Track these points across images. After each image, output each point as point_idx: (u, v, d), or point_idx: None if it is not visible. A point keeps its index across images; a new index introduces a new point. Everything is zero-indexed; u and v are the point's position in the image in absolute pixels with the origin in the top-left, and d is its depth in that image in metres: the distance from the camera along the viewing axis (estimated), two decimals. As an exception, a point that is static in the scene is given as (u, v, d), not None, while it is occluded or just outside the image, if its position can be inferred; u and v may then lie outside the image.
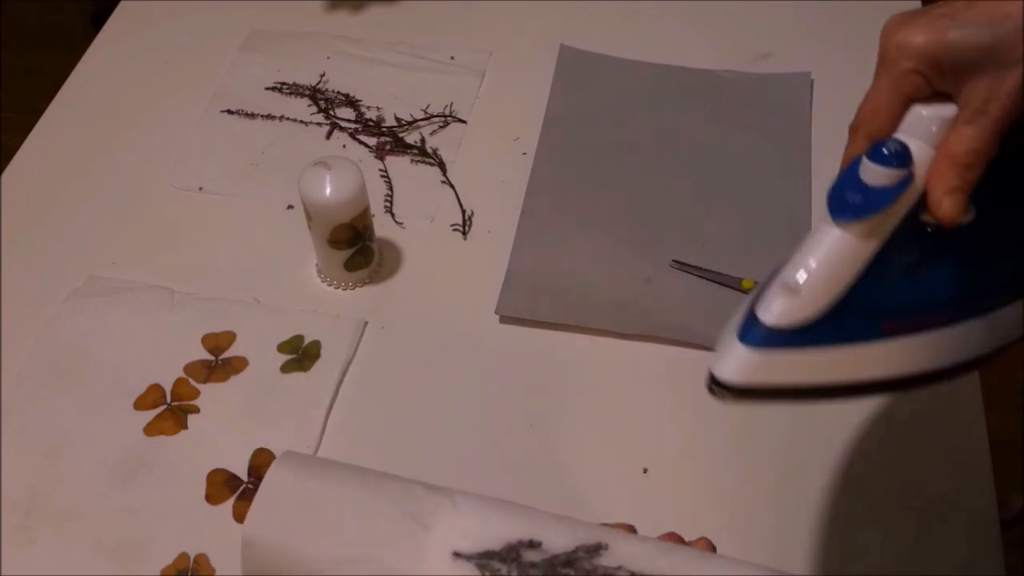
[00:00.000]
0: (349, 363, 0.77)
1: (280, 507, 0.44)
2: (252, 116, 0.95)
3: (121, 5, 1.08)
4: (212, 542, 0.68)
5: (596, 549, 0.43)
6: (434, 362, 0.78)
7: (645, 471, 0.71)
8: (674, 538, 0.49)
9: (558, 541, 0.43)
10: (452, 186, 0.89)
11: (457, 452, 0.72)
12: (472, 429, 0.74)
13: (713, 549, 0.48)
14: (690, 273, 0.81)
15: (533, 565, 0.42)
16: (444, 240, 0.85)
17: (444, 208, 0.88)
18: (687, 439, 0.73)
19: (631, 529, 0.49)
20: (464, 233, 0.86)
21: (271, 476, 0.45)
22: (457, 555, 0.42)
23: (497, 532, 0.43)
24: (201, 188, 0.90)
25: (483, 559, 0.42)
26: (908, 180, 0.45)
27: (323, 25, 1.04)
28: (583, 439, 0.73)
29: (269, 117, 0.95)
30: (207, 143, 0.93)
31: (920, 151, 0.45)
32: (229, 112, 0.96)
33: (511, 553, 0.43)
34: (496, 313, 0.79)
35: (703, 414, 0.74)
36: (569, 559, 0.43)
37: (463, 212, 0.87)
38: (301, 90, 0.97)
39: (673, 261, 0.82)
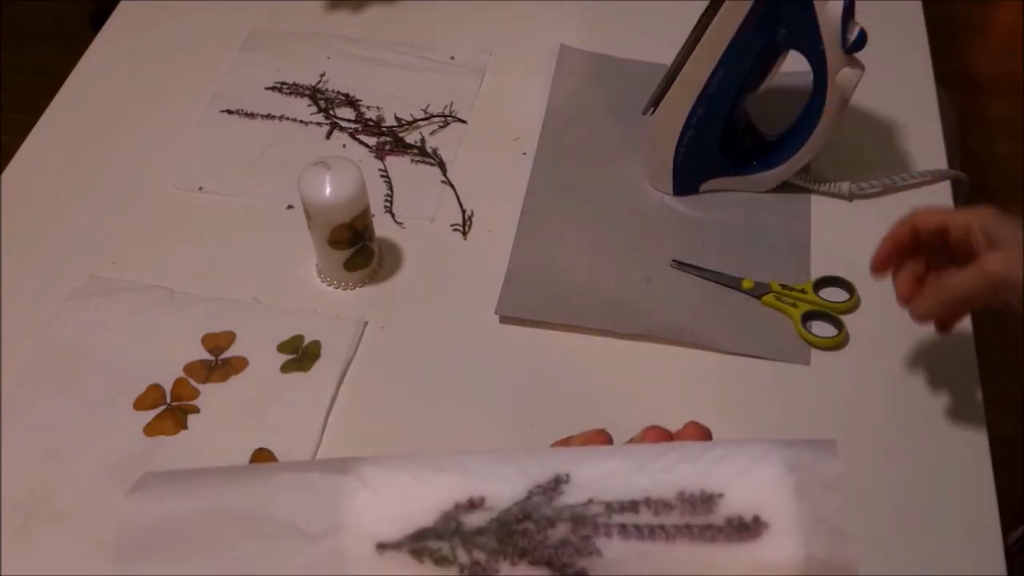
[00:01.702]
0: (349, 363, 0.77)
1: (147, 550, 0.35)
2: (252, 116, 0.95)
3: (121, 5, 1.08)
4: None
5: (555, 486, 0.34)
6: (434, 362, 0.77)
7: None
8: (657, 434, 0.40)
9: (505, 490, 0.34)
10: (452, 186, 0.89)
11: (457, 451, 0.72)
12: (472, 429, 0.74)
13: (708, 435, 0.40)
14: (690, 273, 0.81)
15: (480, 531, 0.34)
16: (444, 240, 0.85)
17: (444, 208, 0.88)
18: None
19: (606, 438, 0.41)
20: (464, 233, 0.86)
21: (130, 510, 0.35)
22: (382, 547, 0.34)
23: (425, 501, 0.34)
24: (201, 188, 0.90)
25: (416, 542, 0.34)
26: None
27: (323, 25, 1.04)
28: (583, 439, 0.73)
29: (269, 117, 0.95)
30: (207, 143, 0.93)
31: None
32: (229, 112, 0.96)
33: (449, 524, 0.34)
34: (496, 313, 0.79)
35: (703, 414, 0.74)
36: (524, 510, 0.34)
37: (463, 212, 0.87)
38: (301, 90, 0.97)
39: (673, 261, 0.82)
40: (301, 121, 0.95)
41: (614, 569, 0.33)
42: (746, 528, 0.33)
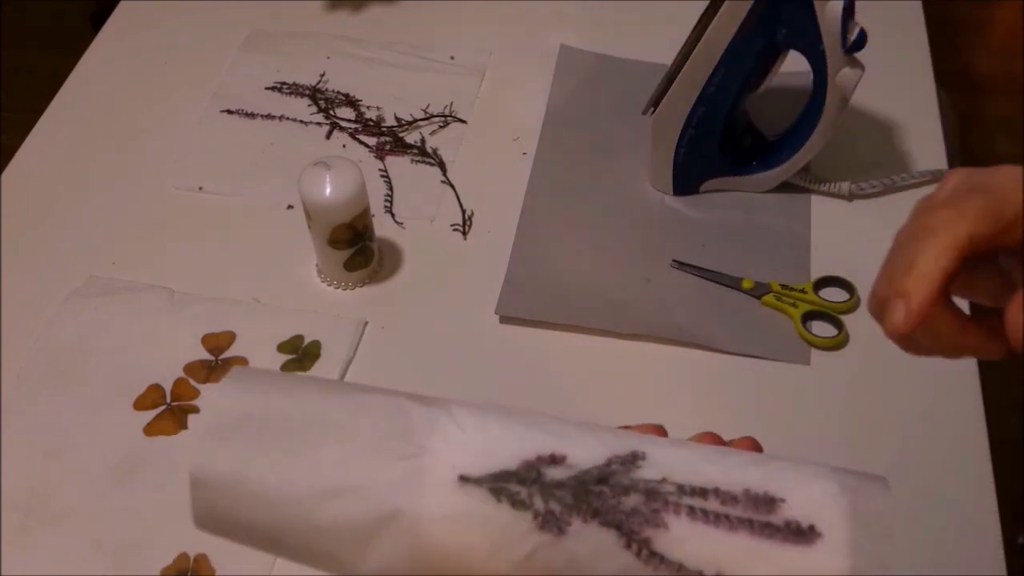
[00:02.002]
0: (349, 363, 0.77)
1: (233, 434, 0.36)
2: (252, 116, 0.95)
3: (121, 5, 1.08)
4: (212, 542, 0.67)
5: (632, 460, 0.36)
6: (434, 362, 0.77)
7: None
8: (712, 439, 0.42)
9: (586, 454, 0.36)
10: (452, 186, 0.89)
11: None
12: (472, 429, 0.74)
13: (759, 450, 0.42)
14: (690, 273, 0.81)
15: (559, 485, 0.35)
16: (444, 240, 0.85)
17: (444, 208, 0.88)
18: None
19: (661, 432, 0.42)
20: (464, 233, 0.86)
21: (219, 397, 0.36)
22: (464, 479, 0.35)
23: (510, 448, 0.36)
24: (201, 188, 0.90)
25: (497, 482, 0.35)
26: None
27: (323, 25, 1.04)
28: (583, 439, 0.73)
29: (269, 117, 0.95)
30: (207, 143, 0.93)
31: None
32: (229, 112, 0.96)
33: (531, 472, 0.35)
34: (496, 313, 0.79)
35: (703, 414, 0.74)
36: (602, 474, 0.35)
37: (463, 212, 0.87)
38: (301, 90, 0.97)
39: (673, 261, 0.82)
40: (301, 121, 0.95)
41: (676, 545, 0.34)
42: (802, 533, 0.35)
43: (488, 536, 0.34)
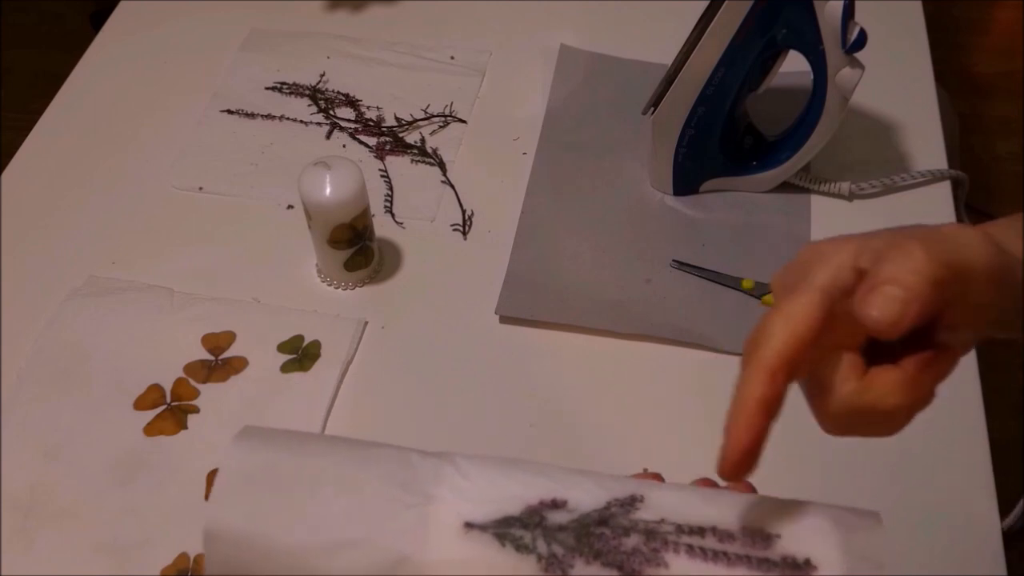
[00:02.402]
0: (349, 363, 0.77)
1: (246, 490, 0.37)
2: (252, 116, 0.95)
3: (121, 5, 1.08)
4: (212, 542, 0.68)
5: (631, 502, 0.37)
6: (434, 362, 0.78)
7: (645, 471, 0.71)
8: (708, 484, 0.43)
9: (586, 498, 0.37)
10: (452, 186, 0.89)
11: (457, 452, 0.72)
12: (472, 429, 0.74)
13: (753, 491, 0.43)
14: (690, 273, 0.81)
15: (561, 528, 0.36)
16: (444, 240, 0.85)
17: (444, 208, 0.88)
18: (687, 439, 0.73)
19: (659, 479, 0.44)
20: (464, 233, 0.86)
21: (231, 455, 0.38)
22: (469, 526, 0.36)
23: (513, 494, 0.37)
24: (201, 188, 0.90)
25: (501, 527, 0.36)
26: None
27: (323, 25, 1.04)
28: (583, 439, 0.73)
29: (269, 117, 0.95)
30: (207, 143, 0.93)
31: None
32: (229, 112, 0.96)
33: (533, 517, 0.36)
34: (496, 313, 0.79)
35: (703, 414, 0.74)
36: (602, 517, 0.36)
37: (463, 212, 0.87)
38: (301, 90, 0.97)
39: (673, 261, 0.82)
40: (301, 121, 0.95)
41: None
42: (798, 567, 0.36)
43: None
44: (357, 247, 0.79)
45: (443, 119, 0.95)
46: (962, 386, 0.74)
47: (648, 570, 0.35)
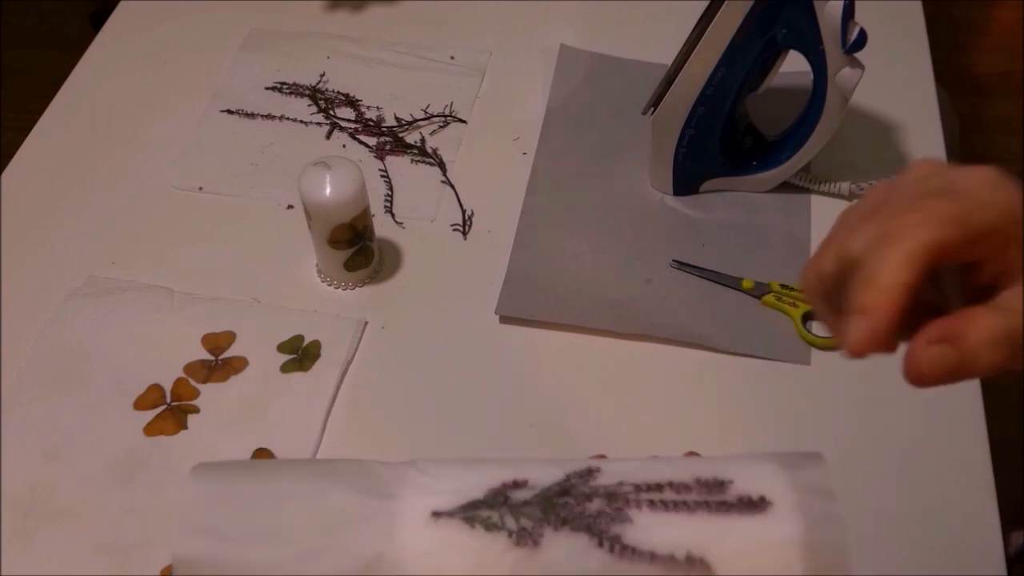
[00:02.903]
0: (349, 363, 0.77)
1: (210, 516, 0.37)
2: (252, 116, 0.95)
3: (121, 5, 1.08)
4: (212, 542, 0.68)
5: (588, 473, 0.39)
6: (434, 362, 0.77)
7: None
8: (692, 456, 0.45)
9: (545, 475, 0.39)
10: (452, 186, 0.89)
11: (457, 452, 0.72)
12: (472, 429, 0.74)
13: None
14: (690, 273, 0.81)
15: (526, 503, 0.37)
16: (444, 240, 0.85)
17: (444, 208, 0.88)
18: (687, 439, 0.73)
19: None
20: (464, 233, 0.86)
21: (190, 488, 0.38)
22: (437, 515, 0.37)
23: (475, 481, 0.38)
24: (201, 188, 0.90)
25: (468, 511, 0.37)
26: None
27: (323, 25, 1.04)
28: (583, 439, 0.73)
29: (269, 117, 0.95)
30: (207, 143, 0.93)
31: None
32: (229, 112, 0.96)
33: (498, 497, 0.38)
34: (496, 313, 0.79)
35: (703, 414, 0.74)
36: (563, 488, 0.38)
37: (463, 212, 0.87)
38: (301, 90, 0.97)
39: (673, 261, 0.82)
40: (301, 121, 0.95)
41: (644, 535, 0.37)
42: (754, 504, 0.38)
43: (469, 561, 0.37)
44: (357, 247, 0.79)
45: (443, 119, 0.95)
46: (962, 386, 0.74)
47: (615, 528, 0.37)
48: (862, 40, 0.75)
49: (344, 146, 0.92)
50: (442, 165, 0.91)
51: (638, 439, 0.73)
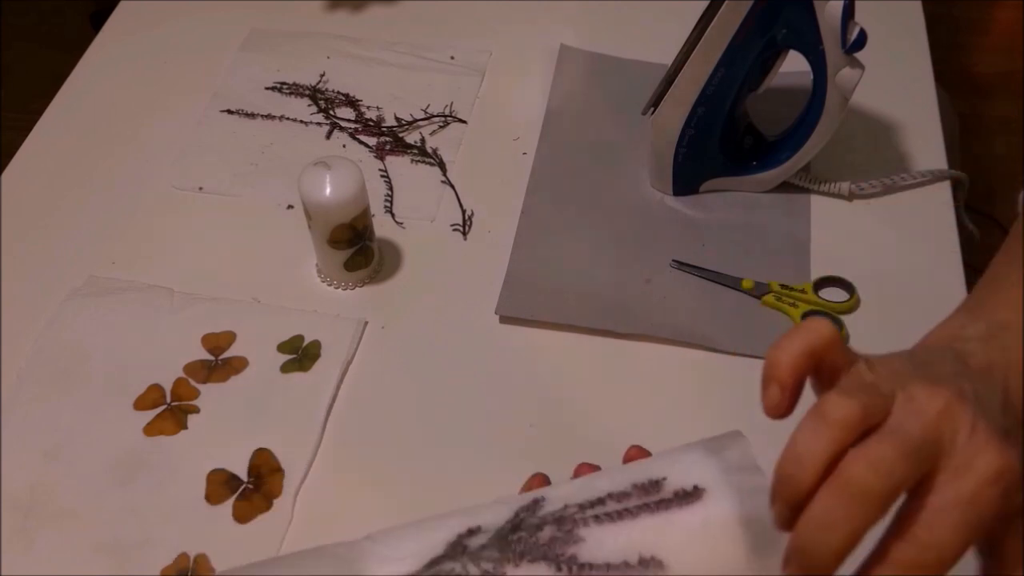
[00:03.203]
0: (349, 363, 0.77)
1: None
2: (252, 116, 0.95)
3: (121, 5, 1.08)
4: (212, 542, 0.68)
5: (534, 505, 0.41)
6: (434, 362, 0.78)
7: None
8: (639, 452, 0.49)
9: (495, 517, 0.41)
10: (452, 186, 0.89)
11: (457, 452, 0.72)
12: (472, 429, 0.74)
13: (648, 454, 0.48)
14: (690, 273, 0.81)
15: (483, 547, 0.40)
16: (444, 240, 0.85)
17: (444, 208, 0.88)
18: (687, 438, 0.73)
19: (545, 479, 0.49)
20: (464, 233, 0.86)
21: None
22: None
23: (433, 540, 0.40)
24: (201, 188, 0.90)
25: (431, 568, 0.39)
26: None
27: (323, 25, 1.04)
28: (583, 439, 0.73)
29: (269, 117, 0.95)
30: (207, 143, 0.93)
31: None
32: (229, 112, 0.96)
33: (456, 548, 0.40)
34: (496, 313, 0.79)
35: (703, 414, 0.74)
36: (514, 524, 0.41)
37: (463, 212, 0.87)
38: (301, 90, 0.97)
39: (673, 261, 0.82)
40: (301, 121, 0.95)
41: (597, 549, 0.39)
42: (689, 495, 0.41)
43: None
44: (357, 247, 0.79)
45: (443, 119, 0.95)
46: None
47: (569, 550, 0.39)
48: (862, 40, 0.75)
49: (344, 146, 0.92)
50: (442, 165, 0.91)
51: (638, 439, 0.72)
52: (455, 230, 0.86)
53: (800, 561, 0.36)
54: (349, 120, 0.95)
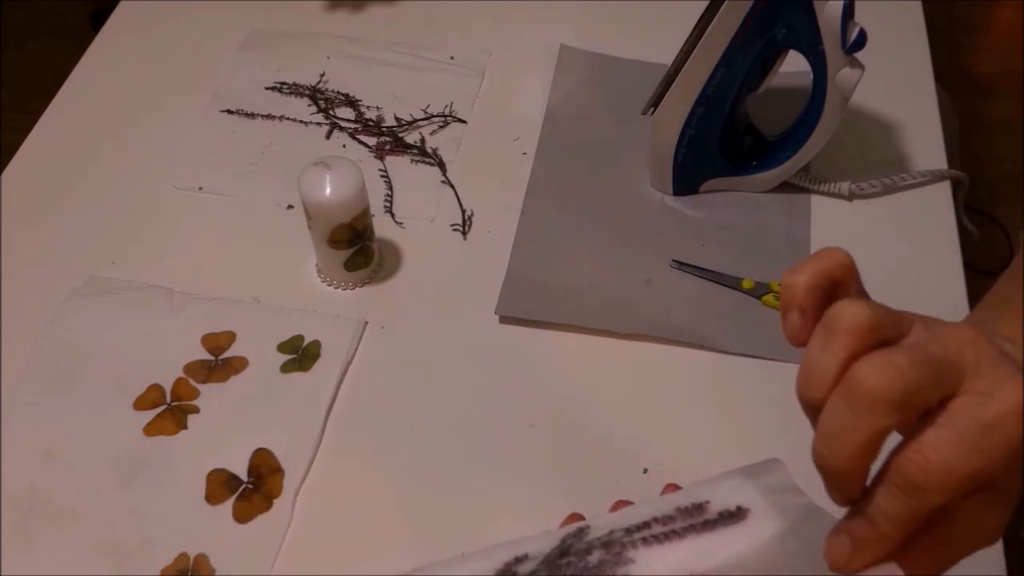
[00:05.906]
0: (349, 363, 0.77)
1: None
2: (252, 116, 0.95)
3: (121, 5, 1.08)
4: (212, 542, 0.68)
5: (580, 533, 0.43)
6: (434, 362, 0.78)
7: (645, 471, 0.71)
8: (673, 489, 0.47)
9: (541, 546, 0.42)
10: (452, 186, 0.89)
11: (457, 452, 0.72)
12: (472, 429, 0.74)
13: None
14: (690, 273, 0.81)
15: (533, 573, 0.41)
16: (444, 240, 0.85)
17: (444, 208, 0.88)
18: (687, 439, 0.73)
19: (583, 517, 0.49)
20: (464, 233, 0.86)
21: None
22: None
23: (481, 568, 0.42)
24: (201, 188, 0.90)
25: None
26: None
27: (323, 25, 1.04)
28: (583, 439, 0.73)
29: (269, 117, 0.95)
30: (207, 143, 0.93)
31: None
32: (229, 112, 0.96)
33: (507, 574, 0.41)
34: (496, 313, 0.79)
35: (703, 414, 0.74)
36: (562, 550, 0.42)
37: (463, 212, 0.87)
38: (301, 90, 0.97)
39: (673, 261, 0.82)
40: (301, 121, 0.95)
41: (647, 568, 0.40)
42: (734, 515, 0.42)
43: None
44: (357, 247, 0.79)
45: (443, 119, 0.95)
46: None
47: (620, 571, 0.40)
48: (862, 40, 0.75)
49: (344, 146, 0.92)
50: (442, 165, 0.91)
51: (638, 439, 0.73)
52: (455, 230, 0.86)
53: (820, 471, 0.36)
54: (349, 120, 0.95)
